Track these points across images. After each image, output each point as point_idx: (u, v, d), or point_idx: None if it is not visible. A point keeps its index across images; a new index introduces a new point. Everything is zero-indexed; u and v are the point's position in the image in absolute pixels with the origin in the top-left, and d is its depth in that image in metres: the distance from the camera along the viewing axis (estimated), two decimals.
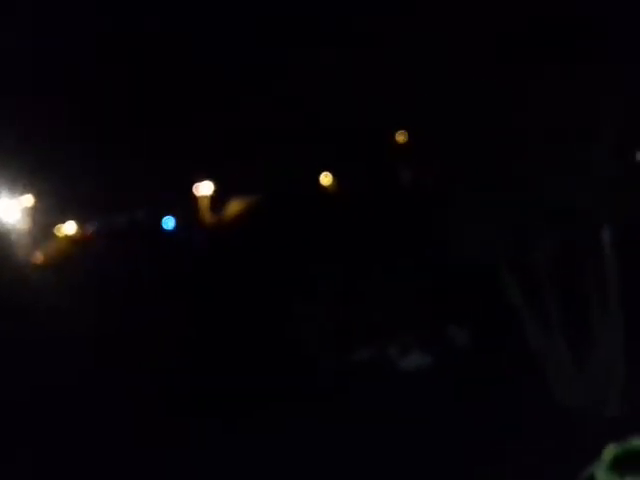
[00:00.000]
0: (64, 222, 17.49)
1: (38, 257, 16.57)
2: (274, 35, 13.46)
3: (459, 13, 8.82)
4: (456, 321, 11.17)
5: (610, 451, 2.88)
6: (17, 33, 14.10)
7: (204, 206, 18.42)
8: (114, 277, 15.41)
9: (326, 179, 15.41)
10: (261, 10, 13.88)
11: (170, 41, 15.00)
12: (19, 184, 16.22)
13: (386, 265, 11.31)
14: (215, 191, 18.42)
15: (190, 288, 14.41)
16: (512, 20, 8.59)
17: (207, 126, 16.79)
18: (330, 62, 10.19)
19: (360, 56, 10.03)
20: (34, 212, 16.63)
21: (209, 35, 15.10)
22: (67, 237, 17.63)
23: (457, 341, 11.13)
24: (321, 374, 11.02)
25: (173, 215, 17.84)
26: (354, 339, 11.33)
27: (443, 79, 8.62)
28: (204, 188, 18.35)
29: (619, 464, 2.84)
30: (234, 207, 17.95)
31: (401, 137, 13.20)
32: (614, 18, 8.40)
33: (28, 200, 16.66)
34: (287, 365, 11.23)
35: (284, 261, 13.73)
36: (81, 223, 17.74)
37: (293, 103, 13.27)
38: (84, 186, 16.50)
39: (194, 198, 18.11)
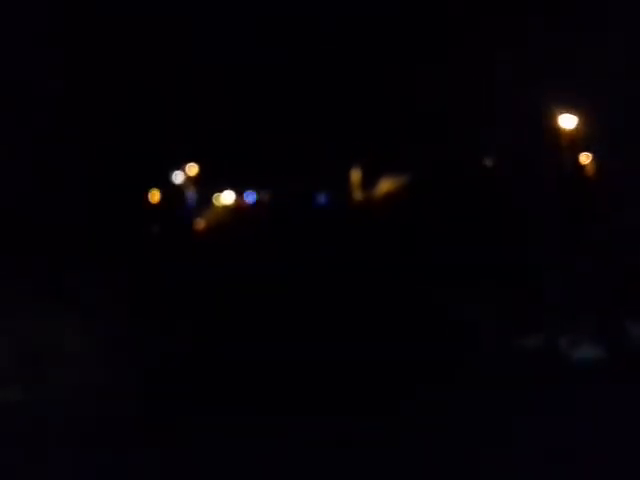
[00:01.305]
0: (222, 191, 18.22)
1: (199, 223, 17.39)
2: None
3: None
4: (631, 312, 11.04)
5: None
6: None
7: (355, 184, 18.90)
8: (266, 250, 15.83)
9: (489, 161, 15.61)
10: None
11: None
12: (184, 153, 17.09)
13: (560, 250, 11.35)
14: (365, 169, 18.86)
15: (347, 263, 14.71)
16: None
17: (360, 106, 17.32)
18: None
19: None
20: (197, 181, 17.48)
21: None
22: (225, 206, 18.35)
23: (632, 333, 10.72)
24: (485, 358, 10.79)
25: (325, 191, 18.34)
26: (524, 326, 11.27)
27: None
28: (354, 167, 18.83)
29: None
30: (385, 186, 18.39)
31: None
32: None
33: (192, 169, 17.50)
34: (449, 348, 11.09)
35: (441, 241, 14.03)
36: (238, 193, 18.41)
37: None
38: (244, 158, 17.24)
39: (346, 175, 18.60)
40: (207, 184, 17.89)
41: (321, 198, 18.25)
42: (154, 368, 9.96)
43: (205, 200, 17.94)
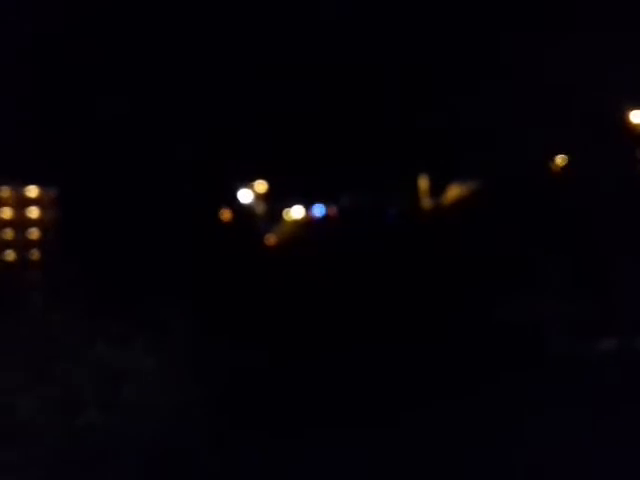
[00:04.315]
0: (292, 207, 18.39)
1: (270, 239, 17.56)
2: None
3: None
4: None
5: None
6: None
7: (423, 191, 18.89)
8: (342, 261, 15.91)
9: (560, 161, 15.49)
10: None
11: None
12: (253, 171, 17.30)
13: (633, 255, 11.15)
14: (432, 177, 18.85)
15: (418, 268, 14.74)
16: None
17: (426, 115, 17.31)
18: None
19: None
20: (267, 197, 17.66)
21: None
22: (295, 221, 18.50)
23: None
24: (553, 359, 10.92)
25: (395, 201, 18.37)
26: (599, 328, 11.15)
27: None
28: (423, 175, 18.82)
29: None
30: (454, 192, 18.34)
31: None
32: None
33: (261, 186, 17.69)
34: (513, 348, 11.23)
35: (510, 246, 13.98)
36: (307, 208, 18.55)
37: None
38: (309, 173, 17.37)
39: (415, 184, 18.61)
40: (276, 200, 18.07)
41: (391, 211, 18.30)
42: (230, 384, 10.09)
43: (275, 216, 18.12)
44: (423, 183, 18.93)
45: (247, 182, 17.71)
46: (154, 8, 14.96)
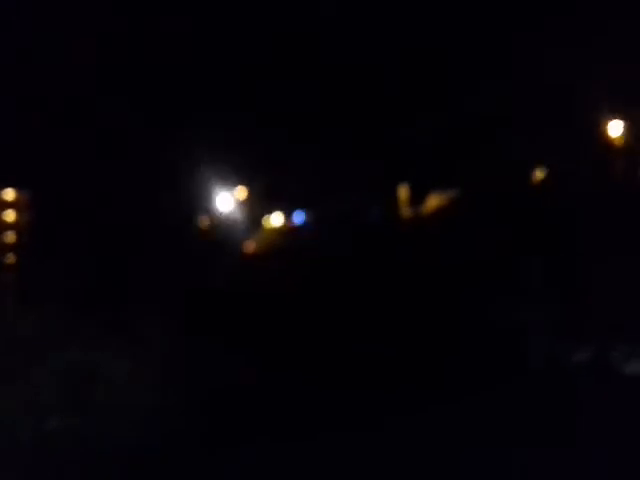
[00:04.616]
0: (271, 214, 18.31)
1: (249, 246, 17.47)
2: None
3: None
4: None
5: None
6: None
7: (402, 201, 18.89)
8: (321, 269, 15.86)
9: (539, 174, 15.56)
10: None
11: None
12: (233, 177, 17.21)
13: (612, 263, 11.14)
14: (412, 186, 18.85)
15: (403, 280, 14.69)
16: None
17: (406, 124, 17.31)
18: None
19: None
20: (246, 204, 17.57)
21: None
22: (274, 228, 18.43)
23: None
24: (530, 373, 10.74)
25: (374, 208, 18.35)
26: (573, 339, 11.10)
27: None
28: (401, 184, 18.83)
29: None
30: (433, 202, 18.35)
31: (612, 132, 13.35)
32: None
33: (241, 192, 17.61)
34: (490, 361, 11.01)
35: (489, 255, 13.98)
36: (287, 215, 18.48)
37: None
38: (292, 180, 17.32)
39: (393, 195, 18.60)
40: (256, 207, 17.98)
41: (372, 215, 18.27)
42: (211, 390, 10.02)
43: (255, 223, 18.04)
44: (403, 192, 18.94)
45: (227, 188, 17.63)
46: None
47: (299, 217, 18.19)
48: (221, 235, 17.02)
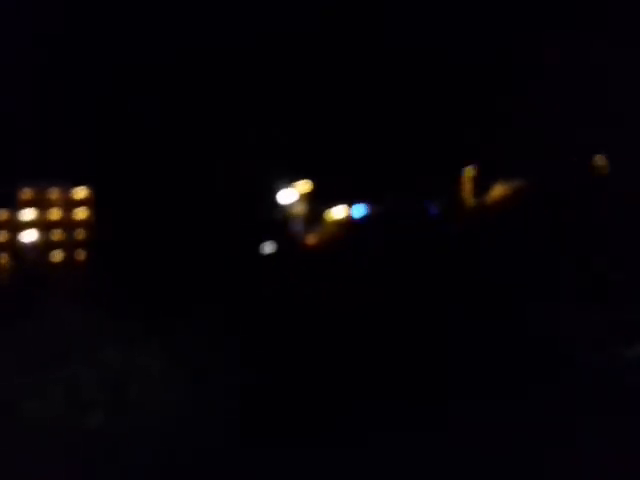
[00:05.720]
0: (334, 207, 18.30)
1: (310, 239, 17.46)
2: None
3: None
4: None
5: None
6: None
7: (466, 190, 18.66)
8: (382, 262, 15.71)
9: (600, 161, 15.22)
10: None
11: None
12: (297, 172, 17.26)
13: None
14: (477, 175, 18.62)
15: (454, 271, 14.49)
16: None
17: (470, 114, 17.12)
18: None
19: None
20: (309, 198, 17.59)
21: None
22: (335, 221, 18.41)
23: None
24: (580, 369, 10.54)
25: (435, 200, 18.18)
26: (627, 335, 10.91)
27: None
28: (468, 171, 18.60)
29: None
30: (498, 191, 18.08)
31: None
32: None
33: (305, 186, 17.64)
34: (541, 358, 11.07)
35: (551, 249, 13.71)
36: (349, 208, 18.44)
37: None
38: (353, 174, 17.27)
39: (458, 182, 18.40)
40: (319, 200, 17.97)
41: (433, 208, 18.09)
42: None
43: (317, 216, 18.03)
44: (467, 183, 18.72)
45: (290, 182, 17.66)
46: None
47: (359, 211, 18.12)
48: (281, 228, 17.05)
